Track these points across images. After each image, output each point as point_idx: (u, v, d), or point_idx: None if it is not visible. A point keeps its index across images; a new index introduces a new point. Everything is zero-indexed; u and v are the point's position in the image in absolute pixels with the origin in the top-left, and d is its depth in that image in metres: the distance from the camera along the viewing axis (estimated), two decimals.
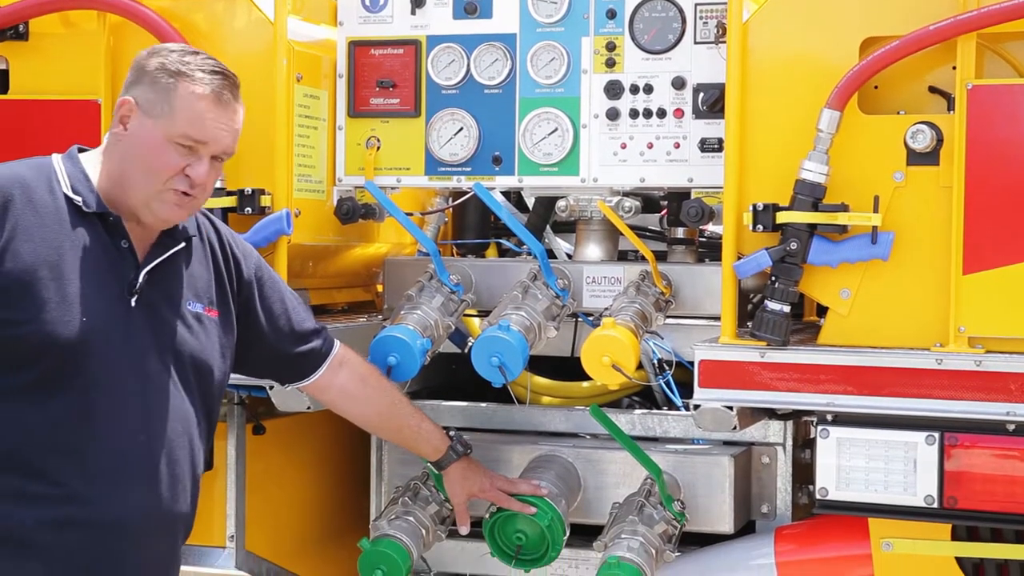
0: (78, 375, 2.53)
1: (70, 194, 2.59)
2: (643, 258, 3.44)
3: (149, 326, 2.63)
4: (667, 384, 3.34)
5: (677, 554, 3.22)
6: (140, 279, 2.63)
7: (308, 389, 3.08)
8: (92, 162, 2.67)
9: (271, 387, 3.31)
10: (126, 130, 2.62)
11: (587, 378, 3.25)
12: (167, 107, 2.59)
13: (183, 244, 2.73)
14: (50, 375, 2.51)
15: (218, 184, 3.37)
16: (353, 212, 3.55)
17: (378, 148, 3.55)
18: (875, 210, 2.96)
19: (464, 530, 3.29)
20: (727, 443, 3.43)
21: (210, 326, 2.76)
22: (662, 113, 3.35)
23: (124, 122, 2.63)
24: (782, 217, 3.00)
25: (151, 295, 2.65)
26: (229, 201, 3.37)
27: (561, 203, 3.55)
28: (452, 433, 3.30)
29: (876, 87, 3.07)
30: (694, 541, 3.39)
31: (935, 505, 2.96)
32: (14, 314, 2.48)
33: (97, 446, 2.54)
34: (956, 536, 3.13)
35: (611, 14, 3.37)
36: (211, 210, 3.33)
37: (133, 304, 2.62)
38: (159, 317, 2.66)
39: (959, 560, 3.15)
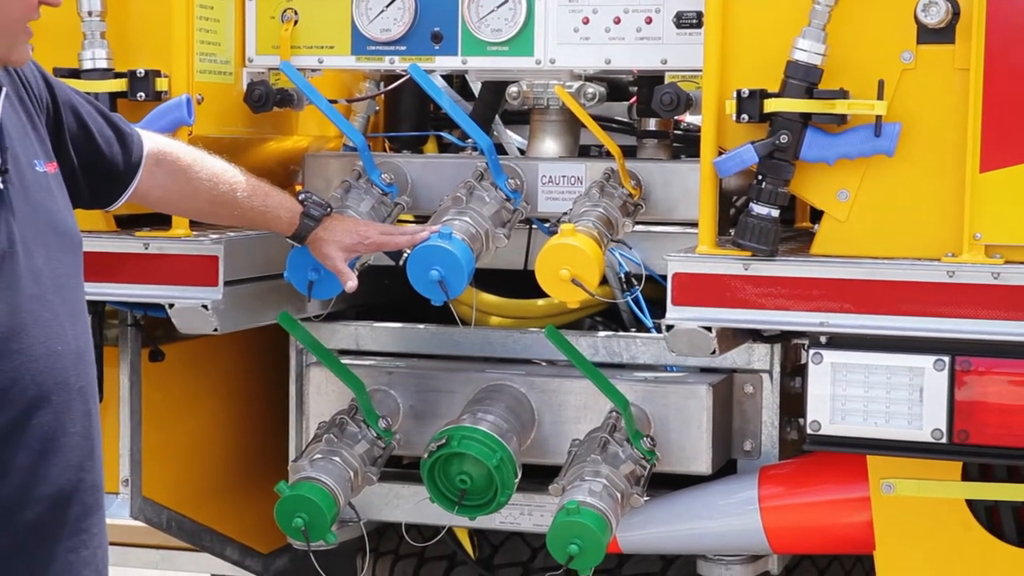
0: None
1: None
2: (608, 154, 3.44)
3: (26, 213, 2.52)
4: (635, 301, 3.36)
5: (646, 498, 3.25)
6: (4, 155, 2.50)
7: (131, 199, 2.98)
8: None
9: (170, 305, 3.30)
10: None
11: (542, 295, 3.28)
12: None
13: (4, 91, 2.59)
14: None
15: (103, 64, 3.35)
16: (266, 99, 3.55)
17: (295, 23, 3.55)
18: (879, 97, 2.97)
19: (350, 286, 3.23)
20: (704, 370, 3.46)
21: (56, 185, 2.68)
22: None
23: None
24: (771, 105, 3.01)
25: (12, 171, 2.53)
26: (118, 85, 3.34)
27: (512, 89, 3.55)
28: (303, 195, 3.25)
29: None
30: (666, 483, 3.43)
31: (944, 440, 2.97)
32: None
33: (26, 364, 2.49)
34: (967, 476, 3.16)
35: None
36: (96, 95, 3.32)
37: (2, 187, 2.49)
38: (29, 197, 2.55)
39: (970, 503, 3.17)
